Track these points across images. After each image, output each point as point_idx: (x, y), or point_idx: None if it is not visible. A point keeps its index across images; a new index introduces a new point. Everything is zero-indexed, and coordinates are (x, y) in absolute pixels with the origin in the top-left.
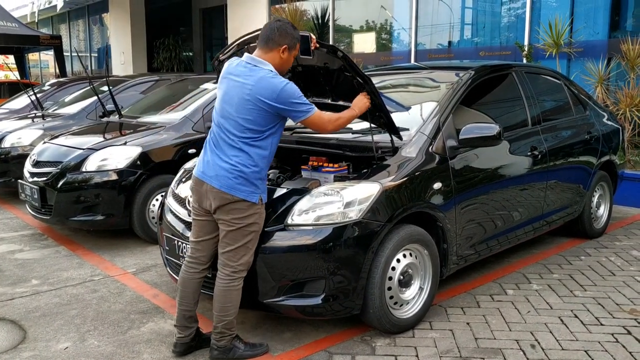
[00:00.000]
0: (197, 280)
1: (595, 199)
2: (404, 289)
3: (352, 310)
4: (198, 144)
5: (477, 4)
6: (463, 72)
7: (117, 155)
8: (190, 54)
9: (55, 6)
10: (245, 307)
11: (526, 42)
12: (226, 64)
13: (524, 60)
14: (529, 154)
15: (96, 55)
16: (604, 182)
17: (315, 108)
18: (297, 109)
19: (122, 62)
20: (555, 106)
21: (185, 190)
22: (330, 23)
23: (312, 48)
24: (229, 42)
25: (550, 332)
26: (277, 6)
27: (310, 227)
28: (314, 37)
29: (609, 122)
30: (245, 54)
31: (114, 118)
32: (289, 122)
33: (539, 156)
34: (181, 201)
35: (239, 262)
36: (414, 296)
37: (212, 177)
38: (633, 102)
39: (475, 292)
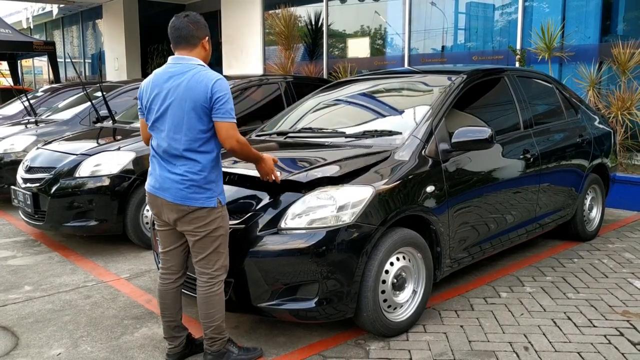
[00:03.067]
0: (174, 290)
1: (587, 202)
2: (397, 292)
3: (345, 313)
4: None
5: (469, 9)
6: (455, 76)
7: (111, 161)
8: None
9: (49, 12)
10: (238, 311)
11: (519, 47)
12: (149, 77)
13: (517, 64)
14: (521, 157)
15: (90, 61)
16: (596, 185)
17: (235, 120)
18: (226, 106)
19: (116, 68)
20: (547, 110)
21: None
22: (324, 28)
23: None
24: (223, 47)
25: (544, 334)
26: (270, 12)
27: (304, 231)
28: None
29: (601, 126)
30: (170, 57)
31: (108, 124)
32: (284, 126)
33: (532, 159)
34: None
35: (214, 268)
36: (408, 299)
37: (164, 191)
38: (624, 105)
39: (469, 295)
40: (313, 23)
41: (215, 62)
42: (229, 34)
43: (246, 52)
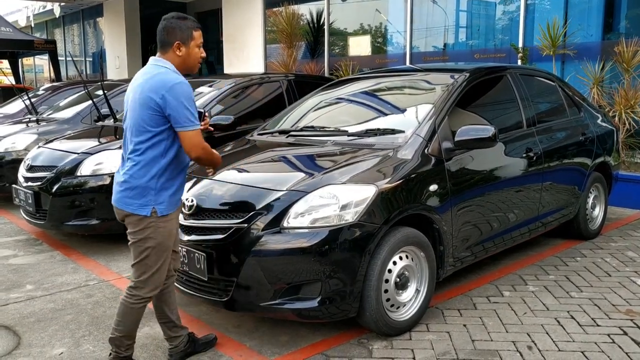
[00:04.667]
0: (161, 292)
1: (590, 200)
2: (400, 291)
3: (348, 313)
4: None
5: (471, 7)
6: (458, 75)
7: (112, 159)
8: None
9: (49, 11)
10: (241, 311)
11: (521, 44)
12: None
13: (519, 62)
14: (524, 155)
15: (91, 59)
16: (599, 183)
17: (198, 126)
18: (183, 113)
19: (117, 67)
20: (550, 108)
21: (185, 191)
22: (326, 26)
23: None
24: (224, 45)
25: (547, 333)
26: (272, 9)
27: (306, 230)
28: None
29: (604, 124)
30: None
31: (109, 122)
32: (285, 125)
33: (534, 158)
34: None
35: (138, 279)
36: (411, 298)
37: (114, 194)
38: (628, 103)
39: (472, 294)
40: (315, 21)
41: (216, 61)
42: (230, 32)
43: (247, 51)
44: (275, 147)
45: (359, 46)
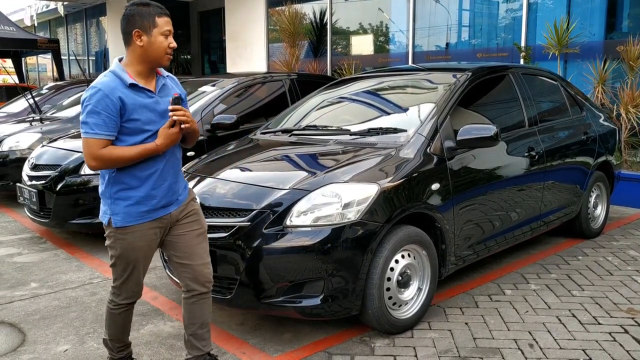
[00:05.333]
0: (183, 302)
1: (592, 199)
2: (402, 289)
3: (351, 310)
4: (197, 146)
5: (474, 6)
6: (460, 74)
7: None
8: (188, 57)
9: (53, 10)
10: (244, 308)
11: (523, 44)
12: None
13: (522, 62)
14: (526, 154)
15: (94, 58)
16: (601, 182)
17: (98, 136)
18: (83, 117)
19: None
20: (552, 107)
21: None
22: (328, 25)
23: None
24: (227, 44)
25: (549, 331)
26: (275, 8)
27: (309, 228)
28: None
29: (606, 123)
30: None
31: None
32: (288, 124)
33: (536, 157)
34: None
35: (114, 284)
36: (413, 297)
37: None
38: (633, 102)
39: (474, 293)
40: (317, 20)
41: (219, 60)
42: (233, 31)
43: (250, 50)
44: (277, 146)
45: (362, 45)
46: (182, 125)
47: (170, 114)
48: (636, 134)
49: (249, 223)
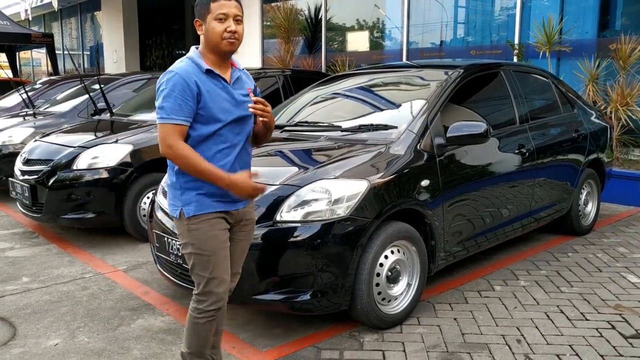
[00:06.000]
0: None
1: (583, 197)
2: (392, 285)
3: (340, 306)
4: None
5: (468, 3)
6: (452, 71)
7: (109, 153)
8: (183, 52)
9: (47, 4)
10: (234, 303)
11: (517, 41)
12: None
13: (515, 59)
14: (516, 151)
15: (89, 53)
16: (592, 179)
17: (174, 121)
18: (159, 103)
19: (114, 61)
20: (544, 105)
21: None
22: (323, 22)
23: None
24: None
25: (536, 327)
26: (271, 4)
27: (299, 224)
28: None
29: (597, 121)
30: None
31: (105, 116)
32: (280, 120)
33: (527, 154)
34: None
35: (197, 291)
36: (402, 292)
37: None
38: (624, 100)
39: (463, 289)
40: (312, 16)
41: None
42: None
43: (245, 45)
44: (269, 142)
45: (356, 42)
46: (260, 118)
47: (251, 105)
48: (628, 132)
49: None
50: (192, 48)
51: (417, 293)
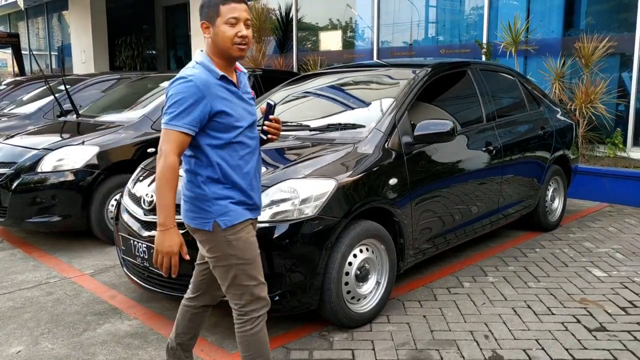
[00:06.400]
0: (184, 308)
1: (549, 193)
2: (361, 283)
3: (309, 306)
4: (157, 143)
5: (438, 3)
6: (419, 70)
7: (74, 155)
8: (154, 52)
9: (13, 2)
10: None
11: (485, 40)
12: None
13: (483, 58)
14: (484, 149)
15: (57, 53)
16: (558, 176)
17: (179, 129)
18: (165, 108)
19: (83, 61)
20: (510, 103)
21: (141, 189)
22: (294, 21)
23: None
24: (192, 40)
25: (504, 322)
26: None
27: (267, 224)
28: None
29: (563, 118)
30: None
31: (72, 117)
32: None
33: (494, 151)
34: (137, 200)
35: (241, 304)
36: (371, 290)
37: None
38: (588, 98)
39: (433, 286)
40: (284, 15)
41: (185, 56)
42: (198, 26)
43: None
44: None
45: (328, 41)
46: (268, 136)
47: (267, 123)
48: (593, 129)
49: None
50: (199, 52)
51: (387, 291)
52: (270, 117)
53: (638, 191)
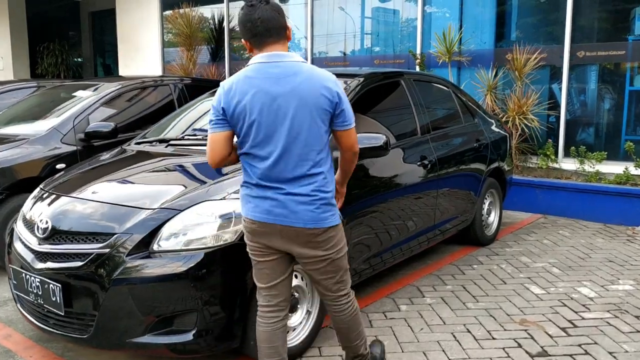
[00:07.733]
0: (281, 330)
1: (485, 206)
2: (290, 314)
3: (231, 343)
4: (68, 159)
5: (371, 14)
6: (351, 80)
7: None
8: (80, 59)
9: None
10: (108, 348)
11: (419, 51)
12: (236, 82)
13: (417, 69)
14: (418, 163)
15: None
16: (494, 188)
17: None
18: (349, 110)
19: (0, 68)
20: (445, 114)
21: (37, 213)
22: (226, 30)
23: None
24: (119, 46)
25: (443, 350)
26: (170, 11)
27: (180, 253)
28: None
29: (497, 130)
30: (258, 56)
31: None
32: (169, 133)
33: (429, 165)
34: (31, 227)
35: (348, 286)
36: (301, 321)
37: (286, 216)
38: (520, 109)
39: (368, 310)
40: (215, 24)
41: (113, 63)
42: (125, 33)
43: (143, 52)
44: (151, 158)
45: None
46: None
47: None
48: (525, 140)
49: (108, 250)
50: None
51: (319, 320)
52: None
53: (570, 202)
